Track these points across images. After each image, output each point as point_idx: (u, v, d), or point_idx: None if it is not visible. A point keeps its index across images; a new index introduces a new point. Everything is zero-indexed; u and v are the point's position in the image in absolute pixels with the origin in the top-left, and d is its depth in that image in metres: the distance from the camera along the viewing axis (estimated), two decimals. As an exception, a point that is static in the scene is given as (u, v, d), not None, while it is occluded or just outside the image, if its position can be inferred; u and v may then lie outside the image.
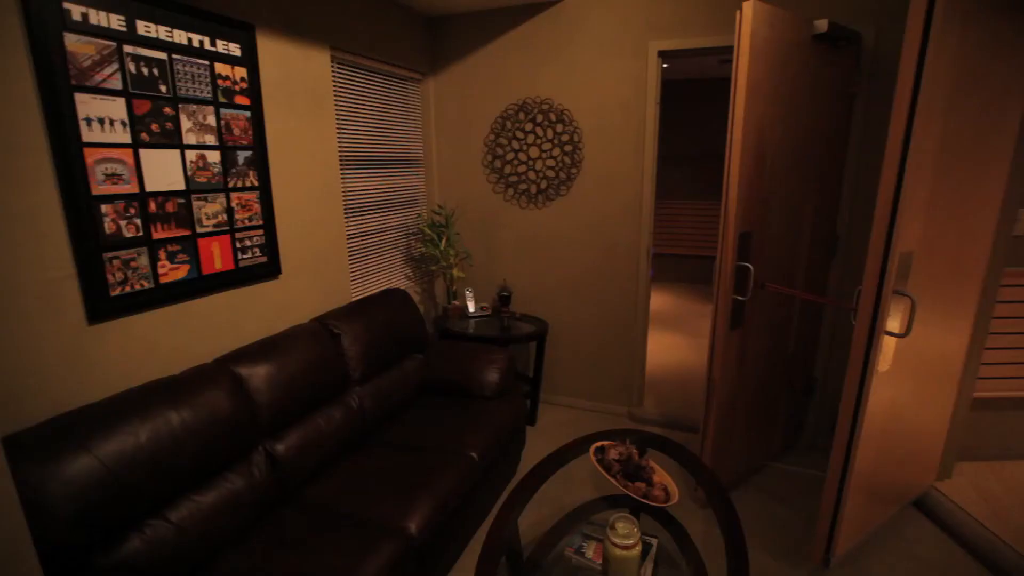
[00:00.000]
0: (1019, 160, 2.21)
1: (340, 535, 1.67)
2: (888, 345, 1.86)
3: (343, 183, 2.73)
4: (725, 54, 2.82)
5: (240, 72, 2.05)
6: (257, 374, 1.89)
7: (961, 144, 1.89)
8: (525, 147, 3.24)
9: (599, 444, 1.88)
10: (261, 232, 2.21)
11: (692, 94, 6.39)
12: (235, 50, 2.02)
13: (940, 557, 2.19)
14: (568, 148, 3.14)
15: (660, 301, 6.14)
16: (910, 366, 2.06)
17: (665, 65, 5.52)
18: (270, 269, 2.27)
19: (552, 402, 3.56)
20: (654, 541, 1.76)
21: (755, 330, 2.45)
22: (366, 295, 2.85)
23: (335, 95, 2.62)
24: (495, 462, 2.38)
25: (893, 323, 1.84)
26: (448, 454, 2.14)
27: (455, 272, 3.30)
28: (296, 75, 2.34)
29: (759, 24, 2.02)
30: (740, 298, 2.24)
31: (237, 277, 2.12)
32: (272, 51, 2.20)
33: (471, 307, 3.33)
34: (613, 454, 1.80)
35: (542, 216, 3.30)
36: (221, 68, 1.98)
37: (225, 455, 1.71)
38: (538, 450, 2.97)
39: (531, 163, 3.24)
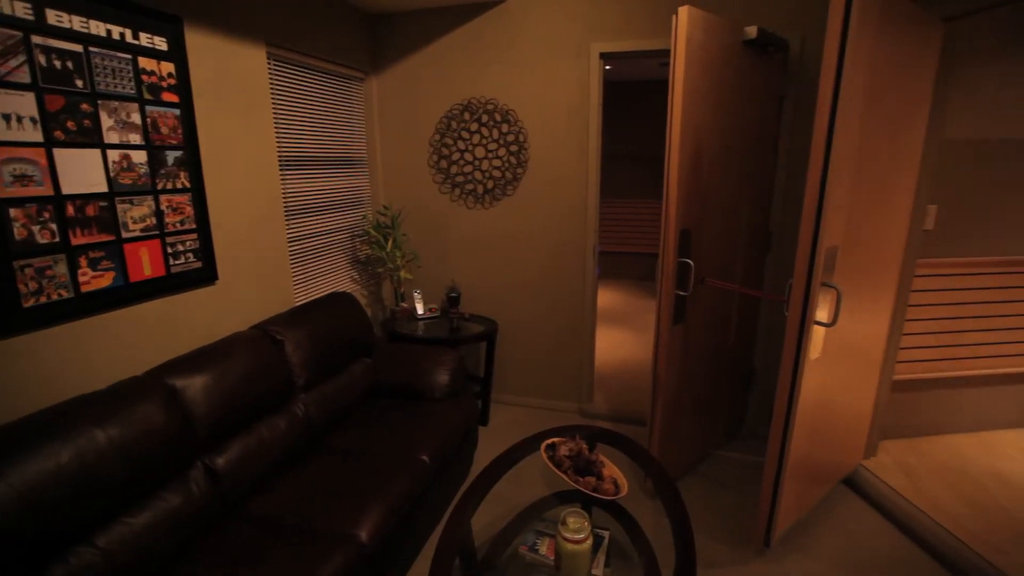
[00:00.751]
0: (927, 161, 2.40)
1: (289, 547, 1.61)
2: (818, 334, 1.98)
3: (283, 184, 2.63)
4: (664, 57, 2.91)
5: (167, 67, 1.94)
6: (193, 385, 1.79)
7: (876, 146, 2.02)
8: (471, 147, 3.23)
9: (550, 441, 1.90)
10: (195, 236, 2.10)
11: (636, 95, 6.56)
12: (161, 44, 1.92)
13: (869, 530, 2.34)
14: (514, 148, 3.16)
15: (608, 298, 6.27)
16: (838, 353, 2.19)
17: (608, 67, 5.68)
18: (206, 275, 2.16)
19: (504, 401, 3.57)
20: (605, 533, 1.80)
21: (697, 324, 2.54)
22: (310, 299, 2.76)
23: (273, 93, 2.52)
24: (447, 464, 2.36)
25: (822, 313, 1.95)
26: (399, 458, 2.11)
27: (402, 274, 3.26)
28: (230, 72, 2.24)
29: (694, 29, 2.09)
30: (682, 293, 2.32)
31: (169, 284, 2.00)
32: (202, 46, 2.10)
33: (420, 309, 3.29)
34: (564, 450, 1.82)
35: (489, 216, 3.30)
36: (146, 63, 1.86)
37: (159, 472, 1.62)
38: (491, 450, 2.97)
39: (477, 163, 3.24)
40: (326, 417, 2.36)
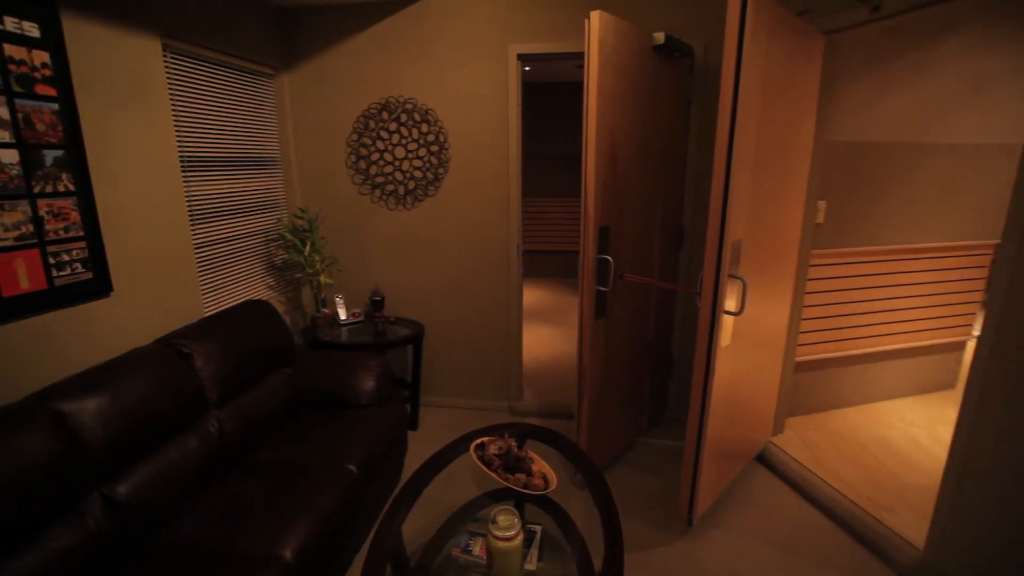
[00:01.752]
0: (816, 161, 2.62)
1: (206, 574, 1.50)
2: (727, 323, 2.11)
3: (187, 186, 2.45)
4: (580, 59, 2.99)
5: (41, 57, 1.75)
6: (85, 409, 1.63)
7: (772, 146, 2.19)
8: (390, 147, 3.16)
9: (479, 441, 1.90)
10: (83, 244, 1.91)
11: (556, 96, 6.70)
12: (32, 30, 1.72)
13: (778, 502, 2.53)
14: (434, 148, 3.13)
15: (534, 296, 6.36)
16: (746, 340, 2.35)
17: (527, 68, 5.76)
18: (98, 286, 1.97)
19: (433, 404, 3.53)
20: (538, 528, 1.82)
21: (618, 318, 2.63)
22: (222, 309, 2.60)
23: (171, 89, 2.34)
24: (376, 472, 2.30)
25: (730, 303, 2.08)
26: (324, 470, 2.03)
27: (322, 279, 3.13)
28: (119, 64, 2.05)
29: (606, 33, 2.16)
30: (603, 289, 2.40)
31: (53, 298, 1.81)
32: (84, 34, 1.91)
33: (342, 314, 3.18)
34: (493, 449, 1.82)
35: (412, 217, 3.25)
36: (13, 50, 1.67)
37: (46, 508, 1.46)
38: (421, 454, 2.92)
39: (397, 164, 3.18)
40: (244, 432, 2.23)
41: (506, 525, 1.47)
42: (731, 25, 1.82)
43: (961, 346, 3.52)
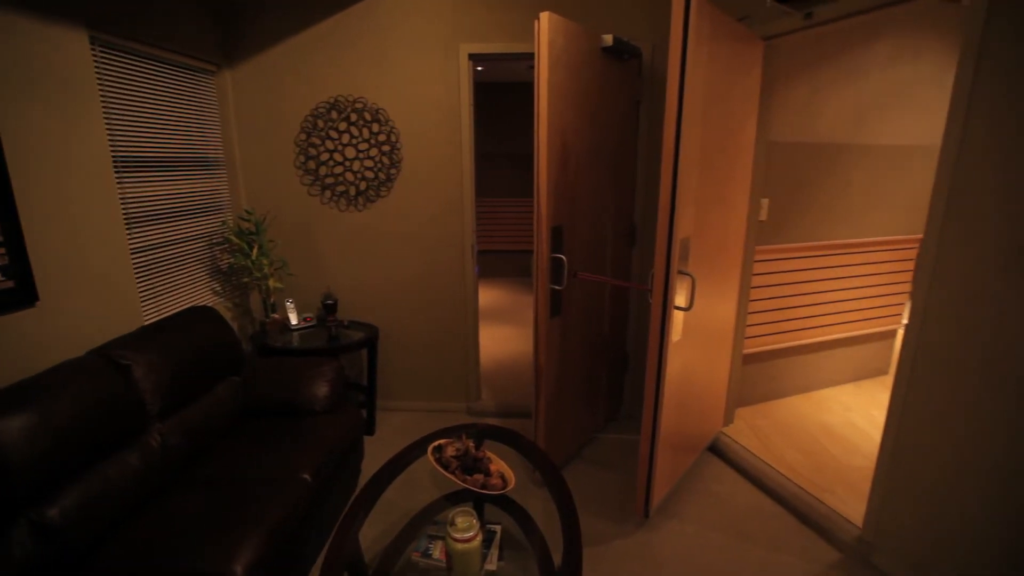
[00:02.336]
0: (758, 160, 2.73)
1: (144, 599, 1.43)
2: (678, 318, 2.17)
3: (120, 188, 2.32)
4: (531, 60, 3.01)
5: (-49, 51, 1.62)
6: (9, 428, 1.52)
7: (717, 146, 2.26)
8: (340, 147, 3.09)
9: (436, 443, 1.88)
10: (2, 251, 1.78)
11: (509, 96, 6.72)
12: (-60, 22, 1.59)
13: (730, 489, 2.62)
14: (386, 148, 3.08)
15: (490, 296, 6.36)
16: (696, 334, 2.42)
17: (479, 68, 5.76)
18: (21, 296, 1.84)
19: (390, 408, 3.48)
20: (497, 528, 1.83)
21: (573, 316, 2.66)
22: (163, 317, 2.48)
23: (101, 85, 2.21)
24: (333, 480, 2.25)
25: (680, 299, 2.14)
26: (277, 480, 1.96)
27: (271, 283, 3.04)
28: (39, 58, 1.92)
29: (555, 34, 2.18)
30: (557, 288, 2.42)
31: (-30, 309, 1.68)
32: None
33: (293, 319, 3.09)
34: (451, 451, 1.81)
35: (364, 218, 3.19)
36: (-81, 44, 1.54)
37: (-33, 535, 1.35)
38: (379, 460, 2.88)
39: (348, 164, 3.11)
40: (191, 445, 2.13)
41: (464, 526, 1.46)
42: (675, 29, 1.88)
43: (892, 334, 3.74)
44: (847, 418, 3.23)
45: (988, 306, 1.71)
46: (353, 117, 3.05)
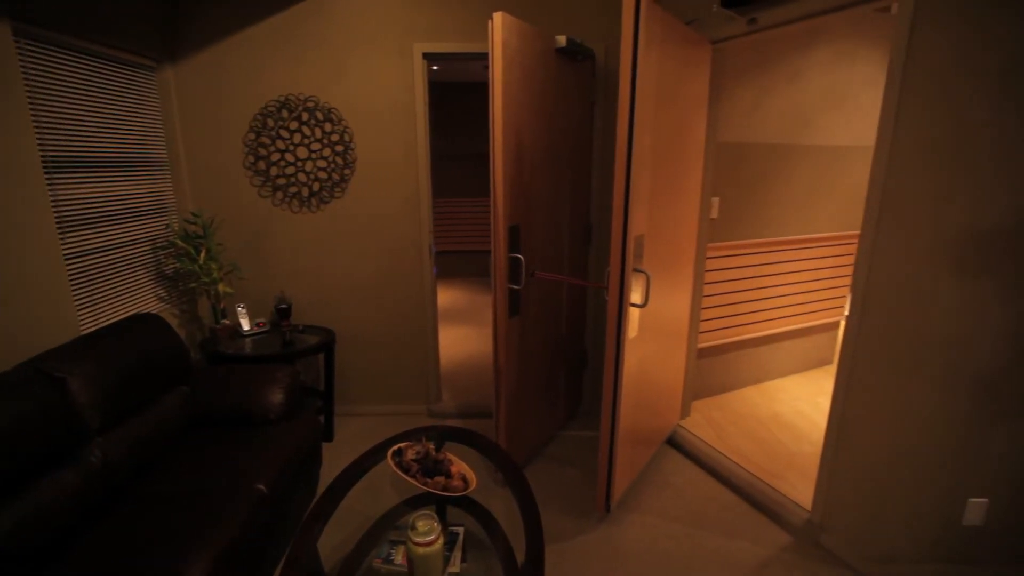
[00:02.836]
0: (708, 160, 2.81)
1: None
2: (634, 315, 2.21)
3: (51, 190, 2.19)
4: (486, 60, 3.01)
5: None
6: (-71, 448, 1.41)
7: (668, 145, 2.32)
8: (292, 147, 3.01)
9: (396, 447, 1.86)
10: (-82, 259, 1.65)
11: (466, 96, 6.69)
12: None
13: (688, 480, 2.69)
14: (339, 148, 3.02)
15: (449, 297, 6.33)
16: (652, 330, 2.48)
17: (435, 68, 5.71)
18: (-59, 307, 1.71)
19: (349, 413, 3.41)
20: (460, 530, 1.82)
21: (532, 315, 2.68)
22: (103, 326, 2.35)
23: (27, 80, 2.08)
24: (290, 489, 2.19)
25: (635, 296, 2.19)
26: (231, 492, 1.89)
27: (221, 288, 2.93)
28: (-43, 52, 1.79)
29: (509, 34, 2.19)
30: (515, 287, 2.43)
31: None
32: (-89, 17, 1.65)
33: (245, 325, 2.99)
34: (411, 454, 1.79)
35: (318, 220, 3.11)
36: None
37: None
38: (338, 467, 2.81)
39: (300, 164, 3.03)
40: (136, 460, 2.03)
41: (425, 530, 1.45)
42: (626, 31, 1.91)
43: (836, 325, 3.93)
44: (796, 407, 3.37)
45: (918, 297, 1.82)
46: (305, 116, 2.97)
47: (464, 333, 4.96)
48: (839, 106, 3.40)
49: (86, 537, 1.69)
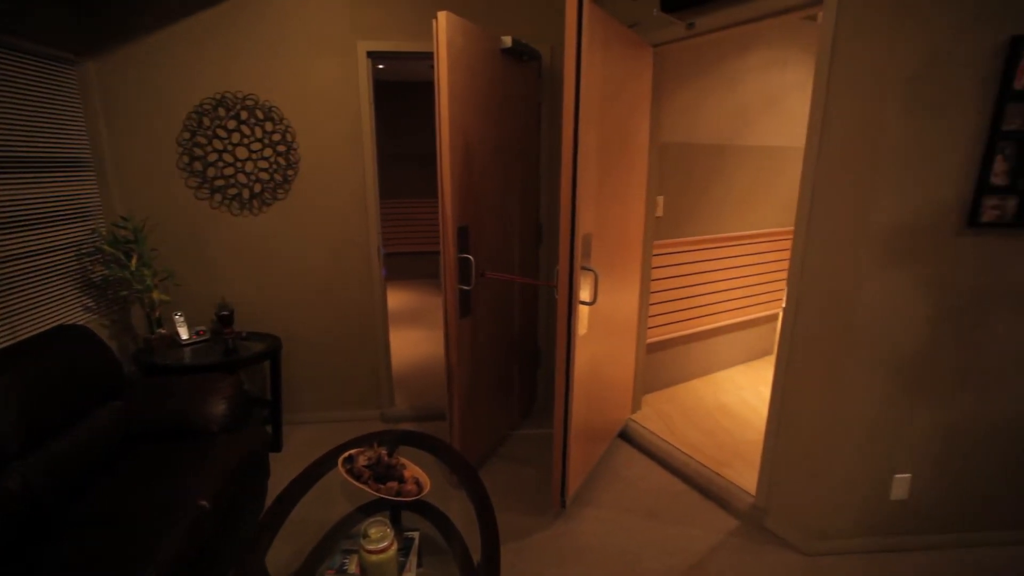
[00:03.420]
0: (653, 160, 2.89)
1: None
2: (583, 312, 2.24)
3: (-42, 194, 2.02)
4: (432, 59, 2.98)
5: None
6: None
7: (613, 146, 2.37)
8: (231, 147, 2.89)
9: (347, 454, 1.82)
10: None
11: (415, 95, 6.61)
12: None
13: (640, 473, 2.76)
14: (281, 148, 2.92)
15: (399, 299, 6.25)
16: (602, 327, 2.52)
17: (380, 66, 5.61)
18: None
19: (299, 421, 3.31)
20: (415, 535, 1.79)
21: (484, 315, 2.67)
22: (20, 340, 2.18)
23: (-75, 74, 1.91)
24: (236, 504, 2.10)
25: (584, 294, 2.22)
26: (170, 510, 1.79)
27: (155, 295, 2.77)
28: None
29: (454, 34, 2.18)
30: (465, 288, 2.42)
31: None
32: None
33: (183, 333, 2.85)
34: (362, 460, 1.76)
35: (261, 222, 3.00)
36: None
37: None
38: (288, 477, 2.72)
39: (240, 165, 2.91)
40: (64, 482, 1.89)
41: (377, 537, 1.42)
42: (569, 32, 1.94)
43: (776, 317, 4.12)
44: (740, 396, 3.51)
45: (847, 288, 1.93)
46: (244, 115, 2.86)
47: (416, 335, 4.90)
48: (773, 109, 3.57)
49: (10, 570, 1.57)
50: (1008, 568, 2.09)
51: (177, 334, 2.85)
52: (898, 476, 2.10)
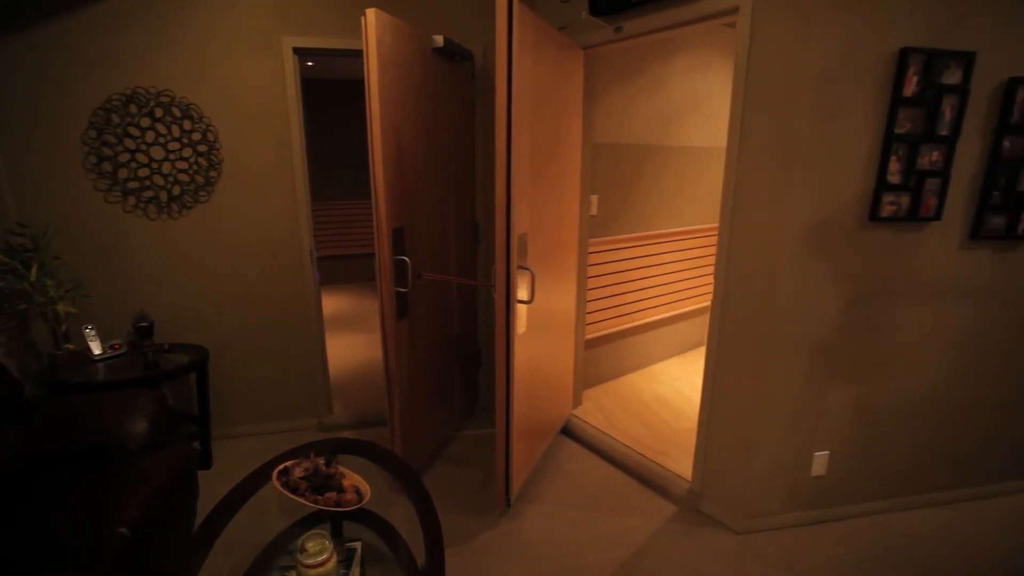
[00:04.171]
0: (586, 160, 2.96)
1: None
2: (521, 311, 2.26)
3: None
4: (362, 57, 2.91)
5: None
6: None
7: (547, 145, 2.40)
8: (145, 146, 2.70)
9: (282, 466, 1.74)
10: None
11: (347, 93, 6.43)
12: None
13: (583, 467, 2.81)
14: (202, 148, 2.76)
15: (335, 303, 6.07)
16: (541, 325, 2.55)
17: (309, 63, 5.43)
18: None
19: (231, 435, 3.14)
20: (357, 544, 1.75)
21: (422, 317, 2.64)
22: (-102, 361, 1.95)
23: None
24: (161, 528, 1.96)
25: (522, 293, 2.24)
26: (84, 541, 1.66)
27: (61, 308, 2.55)
28: None
29: (383, 32, 2.14)
30: (402, 290, 2.38)
31: None
32: None
33: (96, 348, 2.63)
34: (298, 472, 1.69)
35: (182, 227, 2.83)
36: None
37: None
38: (219, 495, 2.57)
39: (156, 166, 2.73)
40: (-50, 518, 1.71)
41: (315, 551, 1.37)
42: (500, 33, 1.95)
43: (707, 310, 4.32)
44: (676, 387, 3.65)
45: (768, 280, 2.05)
46: (158, 112, 2.68)
47: (354, 340, 4.78)
48: (698, 111, 3.74)
49: None
50: (913, 530, 2.29)
51: (88, 349, 2.64)
52: (817, 454, 2.25)
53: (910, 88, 1.87)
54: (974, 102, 1.96)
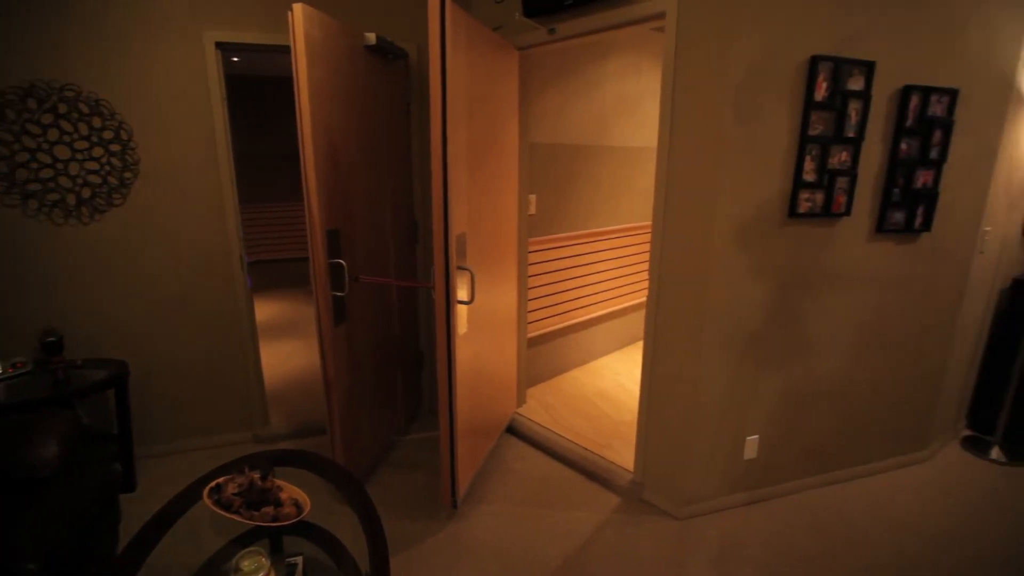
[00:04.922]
0: (523, 160, 2.98)
1: None
2: (462, 312, 2.25)
3: None
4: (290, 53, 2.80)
5: None
6: None
7: (483, 146, 2.40)
8: (47, 145, 2.48)
9: (214, 483, 1.66)
10: None
11: (280, 91, 6.17)
12: None
13: (528, 464, 2.83)
14: (115, 148, 2.57)
15: (270, 310, 5.82)
16: (482, 325, 2.55)
17: (235, 59, 5.17)
18: None
19: (156, 454, 2.95)
20: (299, 559, 1.68)
21: (360, 320, 2.58)
22: None
23: None
24: (78, 559, 1.82)
25: (462, 293, 2.23)
26: (-16, 580, 1.51)
27: (-46, 324, 2.31)
28: None
29: (311, 27, 2.07)
30: (339, 294, 2.32)
31: None
32: None
33: (-5, 367, 2.41)
34: (232, 488, 1.61)
35: (94, 232, 2.62)
36: None
37: None
38: (144, 519, 2.41)
39: (61, 166, 2.52)
40: None
41: (250, 569, 1.31)
42: (433, 33, 1.93)
43: (643, 305, 4.46)
44: (617, 381, 3.75)
45: (699, 275, 2.15)
46: (62, 108, 2.47)
47: (290, 347, 4.60)
48: (631, 112, 3.86)
49: None
50: (832, 503, 2.46)
51: (-14, 368, 2.40)
52: (749, 438, 2.38)
53: (821, 93, 2.01)
54: (875, 107, 2.13)
